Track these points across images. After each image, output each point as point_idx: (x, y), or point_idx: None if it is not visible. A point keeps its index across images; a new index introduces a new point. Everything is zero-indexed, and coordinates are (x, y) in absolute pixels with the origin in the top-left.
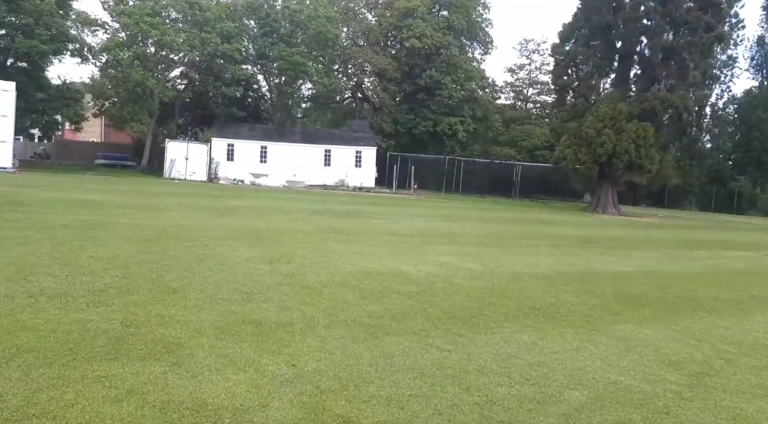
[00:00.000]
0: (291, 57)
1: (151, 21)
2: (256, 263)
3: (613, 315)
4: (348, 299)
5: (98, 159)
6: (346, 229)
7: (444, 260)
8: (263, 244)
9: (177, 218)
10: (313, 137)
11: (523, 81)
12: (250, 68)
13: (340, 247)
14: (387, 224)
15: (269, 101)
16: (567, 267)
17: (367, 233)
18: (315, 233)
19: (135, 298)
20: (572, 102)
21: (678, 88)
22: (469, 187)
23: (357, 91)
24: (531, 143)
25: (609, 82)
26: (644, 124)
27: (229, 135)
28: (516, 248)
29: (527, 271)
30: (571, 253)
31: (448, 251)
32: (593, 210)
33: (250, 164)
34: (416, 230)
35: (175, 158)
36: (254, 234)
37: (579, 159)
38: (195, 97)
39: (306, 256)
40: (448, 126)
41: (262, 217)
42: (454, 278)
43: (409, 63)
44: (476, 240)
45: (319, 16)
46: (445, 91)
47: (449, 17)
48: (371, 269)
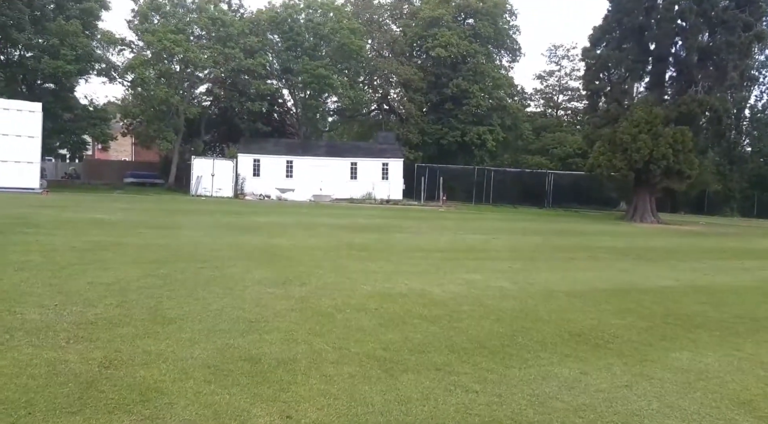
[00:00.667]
0: (315, 70)
1: (174, 38)
2: (267, 285)
3: (666, 340)
4: (364, 327)
5: (127, 178)
6: (368, 245)
7: (472, 277)
8: (279, 263)
9: (194, 237)
10: (339, 150)
11: (553, 88)
12: (275, 83)
13: (361, 265)
14: (412, 239)
15: (295, 116)
16: (607, 283)
17: (391, 249)
18: (335, 250)
19: (124, 330)
20: (605, 107)
21: (716, 90)
22: (500, 197)
23: (383, 103)
24: (563, 151)
25: (643, 86)
26: (682, 128)
27: (254, 150)
28: (550, 262)
29: (564, 288)
30: (610, 266)
31: (476, 267)
32: (630, 219)
33: (276, 179)
34: (443, 245)
35: (201, 175)
36: (271, 253)
37: (614, 166)
38: (221, 113)
39: (323, 276)
40: (476, 135)
41: (283, 233)
42: (483, 299)
43: (435, 72)
44: (507, 254)
45: (343, 28)
46: (472, 100)
47: (475, 25)
48: (392, 290)
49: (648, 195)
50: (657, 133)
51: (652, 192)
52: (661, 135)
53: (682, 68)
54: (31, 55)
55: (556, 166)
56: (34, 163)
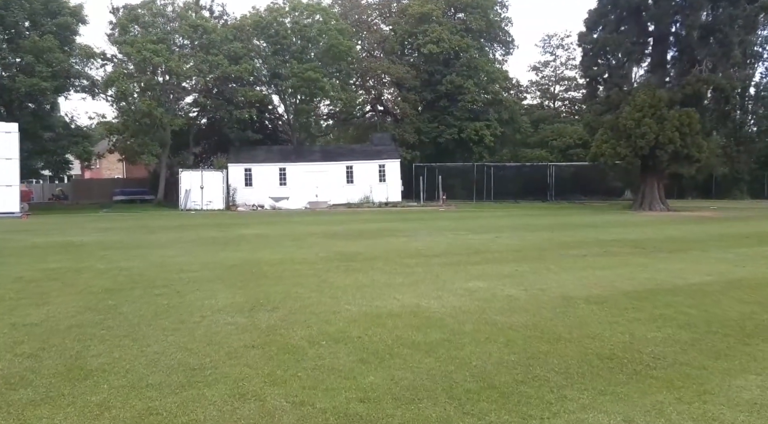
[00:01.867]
0: (304, 73)
1: (154, 48)
2: (231, 313)
3: (721, 359)
4: (340, 366)
5: (116, 196)
6: (360, 253)
7: (475, 285)
8: (253, 283)
9: (165, 257)
10: (333, 155)
11: (549, 78)
12: (263, 90)
13: (348, 279)
14: (410, 243)
15: (287, 122)
16: (629, 283)
17: (385, 257)
18: (322, 262)
19: (17, 396)
20: (605, 93)
21: (721, 68)
22: (501, 193)
23: (377, 104)
24: (563, 142)
25: (643, 69)
26: (688, 110)
27: (245, 159)
28: (561, 260)
29: (581, 293)
30: (628, 262)
31: (480, 272)
32: (638, 207)
33: (269, 188)
34: (443, 248)
35: (189, 188)
36: (249, 270)
37: (618, 153)
38: (210, 123)
39: (301, 296)
40: (473, 132)
41: (268, 246)
42: (488, 313)
43: (428, 70)
44: (513, 255)
45: (330, 30)
46: (467, 96)
47: (466, 19)
48: (381, 309)
49: (655, 182)
50: (662, 116)
51: (659, 179)
52: (666, 118)
53: (684, 47)
54: (7, 74)
55: (556, 159)
56: (12, 186)
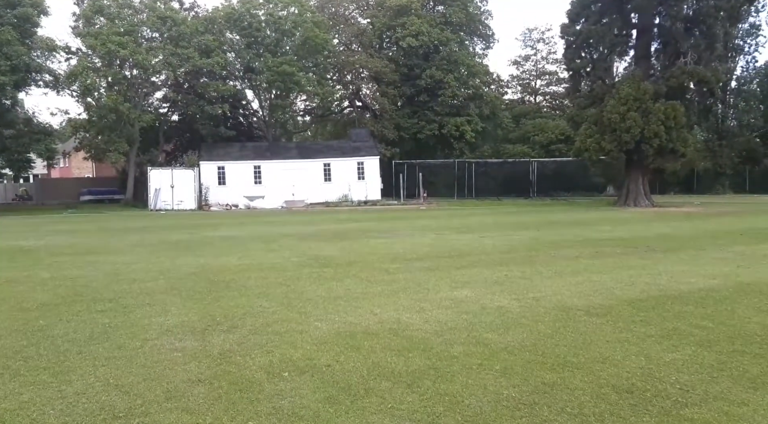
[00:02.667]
0: (279, 67)
1: (119, 40)
2: (180, 335)
3: (759, 390)
4: (301, 409)
5: (84, 195)
6: (336, 257)
7: (462, 295)
8: (213, 295)
9: (120, 264)
10: (310, 152)
11: (529, 73)
12: (237, 84)
13: (322, 288)
14: (389, 245)
15: (262, 118)
16: (630, 288)
17: (363, 261)
18: (293, 268)
19: None
20: (589, 86)
21: (705, 60)
22: (483, 190)
23: (355, 100)
24: (545, 138)
25: (626, 61)
26: (673, 103)
27: (218, 157)
28: (553, 263)
29: (580, 302)
30: (624, 263)
31: (466, 278)
32: (623, 203)
33: (243, 187)
34: (425, 250)
35: (159, 187)
36: (210, 278)
37: (603, 148)
38: (182, 120)
39: (265, 311)
40: (454, 127)
41: (236, 250)
42: (479, 330)
43: (408, 64)
44: (500, 257)
45: (306, 22)
46: (448, 91)
47: (445, 12)
48: (356, 327)
49: (640, 177)
50: (647, 110)
51: (644, 174)
52: (651, 112)
53: (668, 39)
54: None
55: (538, 154)
56: None
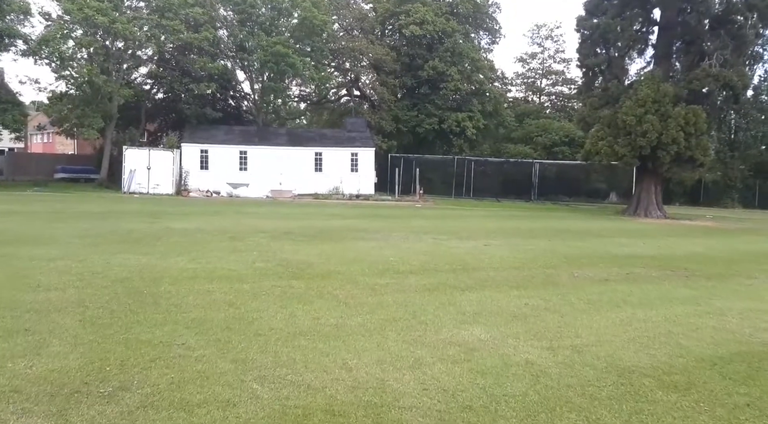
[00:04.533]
0: (272, 47)
1: (97, 6)
2: (26, 404)
3: None
4: None
5: (58, 173)
6: (312, 265)
7: (473, 337)
8: (125, 320)
9: (38, 260)
10: (301, 139)
11: (535, 71)
12: (228, 64)
13: (280, 316)
14: (379, 251)
15: (253, 101)
16: (698, 336)
17: (344, 272)
18: (253, 279)
19: None
20: (604, 85)
21: (732, 64)
22: (482, 190)
23: (353, 88)
24: (548, 139)
25: (644, 60)
26: (694, 108)
27: (201, 139)
28: (580, 288)
29: (643, 360)
30: (669, 293)
31: (475, 305)
32: (633, 213)
33: (227, 173)
34: (422, 260)
35: (134, 169)
36: (137, 291)
37: (616, 153)
38: (167, 98)
39: (183, 358)
40: (455, 122)
41: (193, 248)
42: (504, 410)
43: (410, 53)
44: (513, 275)
45: (304, 1)
46: (450, 84)
47: (452, 2)
48: (315, 399)
49: (653, 186)
50: (666, 113)
51: (656, 182)
52: (670, 116)
53: (693, 38)
54: None
55: (540, 156)
56: None
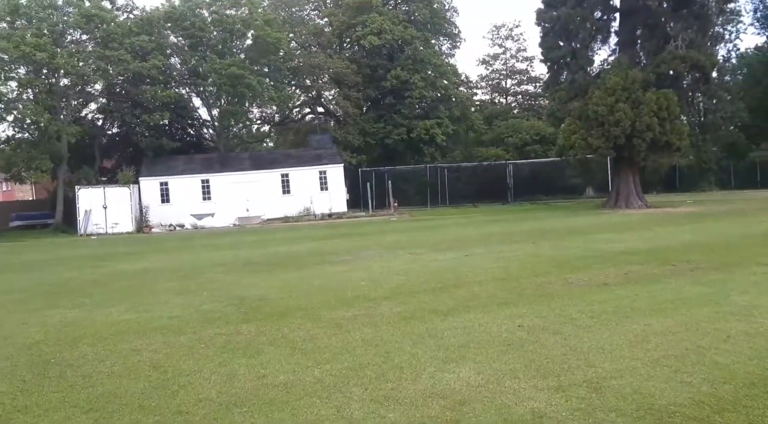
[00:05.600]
0: (227, 70)
1: (35, 42)
2: None
3: None
4: None
5: (13, 221)
6: (269, 300)
7: (460, 380)
8: (13, 402)
9: None
10: (266, 162)
11: (499, 72)
12: (184, 91)
13: (214, 380)
14: (349, 274)
15: (213, 127)
16: (731, 348)
17: (305, 307)
18: (194, 328)
19: None
20: (570, 77)
21: (698, 44)
22: (458, 196)
23: (317, 105)
24: (519, 139)
25: (609, 49)
26: (665, 92)
27: (160, 172)
28: (578, 297)
29: (680, 394)
30: (679, 294)
31: (460, 334)
32: (614, 205)
33: (190, 204)
34: (396, 281)
35: (90, 209)
36: (42, 360)
37: (590, 145)
38: (122, 133)
39: None
40: (424, 130)
41: (134, 293)
42: None
43: (371, 64)
44: (501, 288)
45: (256, 19)
46: (415, 92)
47: (409, 9)
48: None
49: (630, 175)
50: (637, 100)
51: (634, 172)
52: (642, 102)
53: (656, 21)
54: None
55: (513, 156)
56: None
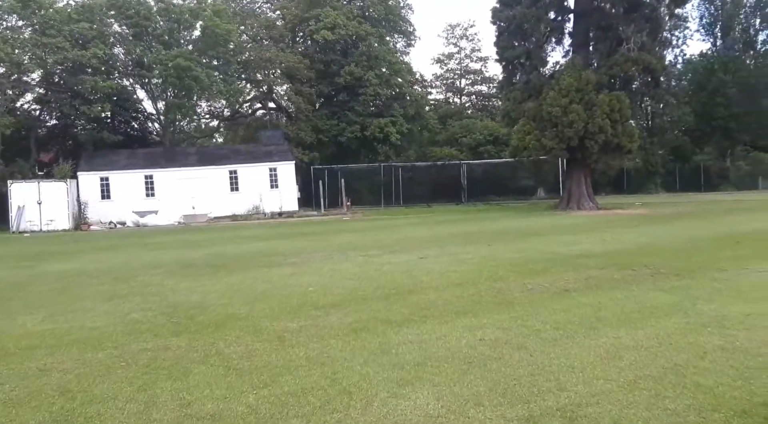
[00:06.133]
0: (173, 61)
1: None
2: None
3: None
4: None
5: None
6: (206, 309)
7: (417, 409)
8: None
9: None
10: (213, 158)
11: (453, 72)
12: (128, 83)
13: (131, 408)
14: (297, 278)
15: (158, 121)
16: (709, 363)
17: (245, 316)
18: (122, 340)
19: None
20: (525, 77)
21: (649, 47)
22: (411, 196)
23: (268, 100)
24: (473, 139)
25: (563, 49)
26: (617, 94)
27: (101, 167)
28: (539, 304)
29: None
30: (646, 302)
31: (415, 350)
32: (566, 206)
33: (132, 201)
34: (347, 287)
35: (23, 205)
36: None
37: (544, 146)
38: (60, 125)
39: None
40: (378, 129)
41: (56, 299)
42: None
43: (324, 60)
44: (458, 294)
45: (205, 10)
46: (369, 89)
47: (364, 5)
48: None
49: (582, 177)
50: (590, 102)
51: (586, 173)
52: (595, 104)
53: (609, 23)
54: None
55: (466, 157)
56: None
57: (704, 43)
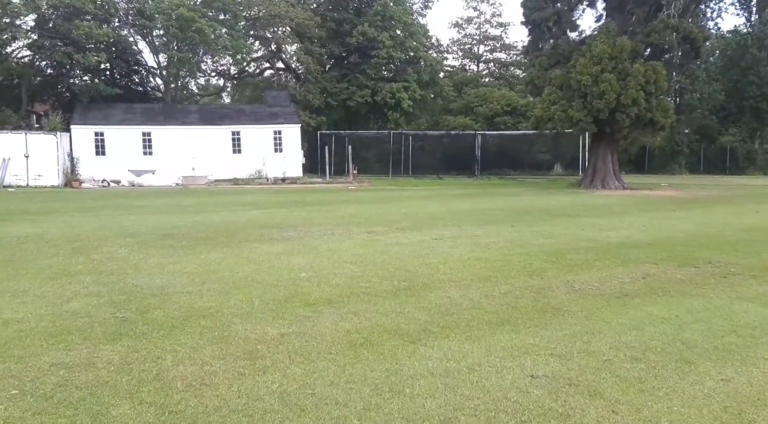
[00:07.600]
0: (175, 10)
1: None
2: None
3: None
4: None
5: None
6: (170, 295)
7: None
8: None
9: None
10: (216, 117)
11: (471, 37)
12: (128, 33)
13: None
14: (288, 259)
15: (160, 75)
16: None
17: (215, 311)
18: (37, 345)
19: None
20: (553, 43)
21: (691, 14)
22: (422, 167)
23: (276, 60)
24: (489, 109)
25: (596, 13)
26: (654, 64)
27: (96, 120)
28: (601, 320)
29: None
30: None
31: (440, 389)
32: (589, 184)
33: (128, 158)
34: (347, 274)
35: (8, 157)
36: None
37: (571, 118)
38: (56, 74)
39: None
40: (389, 94)
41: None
42: None
43: (336, 18)
44: (484, 293)
45: None
46: (382, 51)
47: None
48: None
49: (609, 153)
50: (624, 71)
51: (613, 150)
52: (629, 74)
53: None
54: None
55: (482, 127)
56: None
57: (738, 17)
